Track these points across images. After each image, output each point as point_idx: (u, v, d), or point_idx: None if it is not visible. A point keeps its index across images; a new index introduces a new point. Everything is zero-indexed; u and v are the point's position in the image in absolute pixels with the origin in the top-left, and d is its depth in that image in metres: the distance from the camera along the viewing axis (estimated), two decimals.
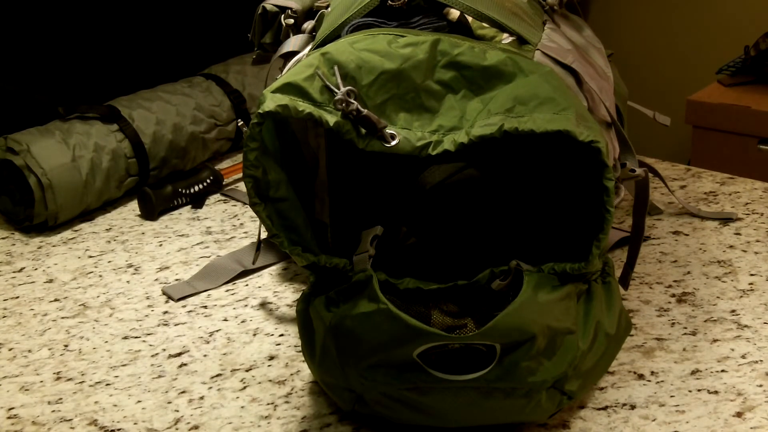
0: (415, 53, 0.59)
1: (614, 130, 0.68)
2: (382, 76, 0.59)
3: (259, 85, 1.19)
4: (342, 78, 0.58)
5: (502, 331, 0.54)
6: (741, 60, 1.76)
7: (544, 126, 0.55)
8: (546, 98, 0.57)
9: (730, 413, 0.62)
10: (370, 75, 0.59)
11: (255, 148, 0.58)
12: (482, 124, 0.57)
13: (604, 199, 0.56)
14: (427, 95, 0.59)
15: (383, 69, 0.59)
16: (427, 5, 0.67)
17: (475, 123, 0.57)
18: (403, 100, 0.59)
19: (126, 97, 1.10)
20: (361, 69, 0.59)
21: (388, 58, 0.59)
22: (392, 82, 0.59)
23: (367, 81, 0.59)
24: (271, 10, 0.83)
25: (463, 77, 0.60)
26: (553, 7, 0.75)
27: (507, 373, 0.56)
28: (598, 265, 0.61)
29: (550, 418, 0.62)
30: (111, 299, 0.85)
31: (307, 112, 0.57)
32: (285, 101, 0.57)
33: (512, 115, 0.56)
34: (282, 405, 0.66)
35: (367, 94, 0.59)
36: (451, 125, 0.58)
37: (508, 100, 0.57)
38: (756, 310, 0.74)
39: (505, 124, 0.56)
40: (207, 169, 1.08)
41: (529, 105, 0.57)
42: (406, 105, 0.59)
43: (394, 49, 0.59)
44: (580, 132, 0.55)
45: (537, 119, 0.56)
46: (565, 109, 0.56)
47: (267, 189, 0.60)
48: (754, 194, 0.95)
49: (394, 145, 0.57)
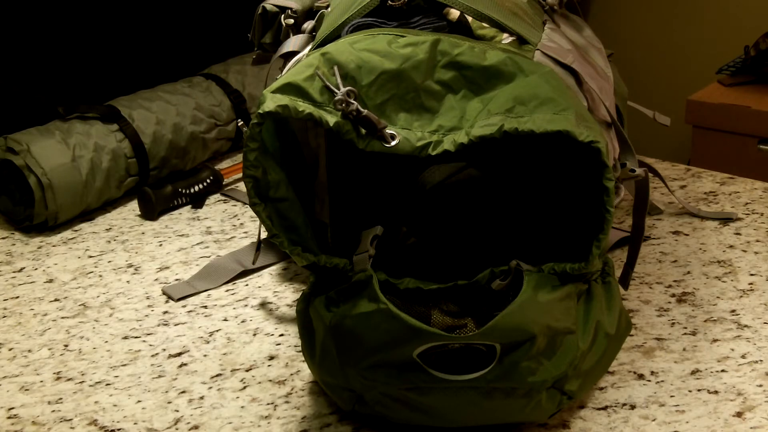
0: (415, 53, 0.59)
1: (614, 130, 0.68)
2: (382, 76, 0.59)
3: (259, 85, 1.19)
4: (342, 78, 0.58)
5: (502, 331, 0.54)
6: (741, 60, 1.76)
7: (544, 126, 0.55)
8: (546, 98, 0.57)
9: (730, 413, 0.62)
10: (370, 75, 0.59)
11: (255, 149, 0.58)
12: (482, 125, 0.57)
13: (604, 199, 0.56)
14: (427, 95, 0.59)
15: (383, 69, 0.59)
16: (427, 5, 0.67)
17: (475, 123, 0.57)
18: (403, 100, 0.59)
19: (126, 97, 1.10)
20: (360, 69, 0.59)
21: (388, 58, 0.59)
22: (392, 82, 0.59)
23: (367, 81, 0.59)
24: (271, 10, 0.83)
25: (463, 77, 0.60)
26: (553, 6, 0.75)
27: (507, 373, 0.56)
28: (598, 265, 0.61)
29: (550, 418, 0.62)
30: (111, 299, 0.85)
31: (307, 112, 0.57)
32: (285, 101, 0.57)
33: (512, 116, 0.56)
34: (282, 405, 0.66)
35: (367, 94, 0.59)
36: (451, 125, 0.58)
37: (508, 101, 0.57)
38: (756, 310, 0.74)
39: (505, 125, 0.56)
40: (207, 169, 1.08)
41: (529, 105, 0.57)
42: (406, 105, 0.59)
43: (394, 49, 0.59)
44: (580, 132, 0.55)
45: (537, 119, 0.55)
46: (565, 109, 0.56)
47: (267, 189, 0.60)
48: (754, 194, 0.95)
49: (394, 146, 0.57)
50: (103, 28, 1.25)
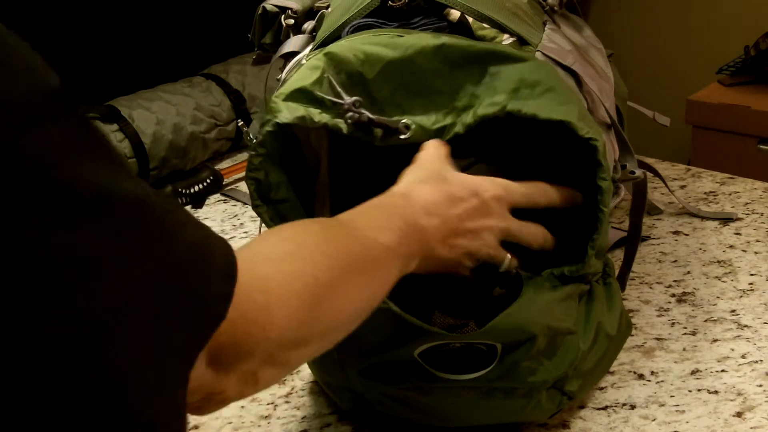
0: (418, 41, 0.59)
1: (614, 131, 0.68)
2: (388, 66, 0.59)
3: (259, 85, 1.19)
4: (348, 77, 0.58)
5: (503, 331, 0.54)
6: (741, 60, 1.76)
7: (547, 113, 0.55)
8: (551, 86, 0.57)
9: (730, 413, 0.62)
10: (375, 67, 0.58)
11: (263, 154, 0.58)
12: (487, 104, 0.57)
13: (598, 199, 0.56)
14: (435, 76, 0.59)
15: (388, 59, 0.58)
16: (428, 6, 0.67)
17: (482, 103, 0.58)
18: (412, 86, 0.59)
19: (126, 97, 1.10)
20: (365, 63, 0.58)
21: (391, 47, 0.59)
22: (399, 71, 0.59)
23: (372, 74, 0.58)
24: (272, 11, 0.82)
25: (470, 55, 0.59)
26: (553, 7, 0.75)
27: (507, 372, 0.56)
28: (598, 265, 0.61)
29: (551, 418, 0.62)
30: None
31: (323, 122, 0.57)
32: (301, 112, 0.57)
33: (518, 96, 0.57)
34: (282, 405, 0.66)
35: (375, 88, 0.59)
36: (464, 104, 0.59)
37: (515, 80, 0.57)
38: (756, 310, 0.74)
39: (509, 105, 0.56)
40: (207, 169, 1.08)
41: (535, 90, 0.57)
42: (415, 89, 0.59)
43: (397, 40, 0.59)
44: (581, 127, 0.55)
45: (541, 105, 0.56)
46: (569, 102, 0.57)
47: (268, 191, 0.60)
48: (754, 194, 0.95)
49: (409, 136, 0.57)
50: (103, 28, 1.25)
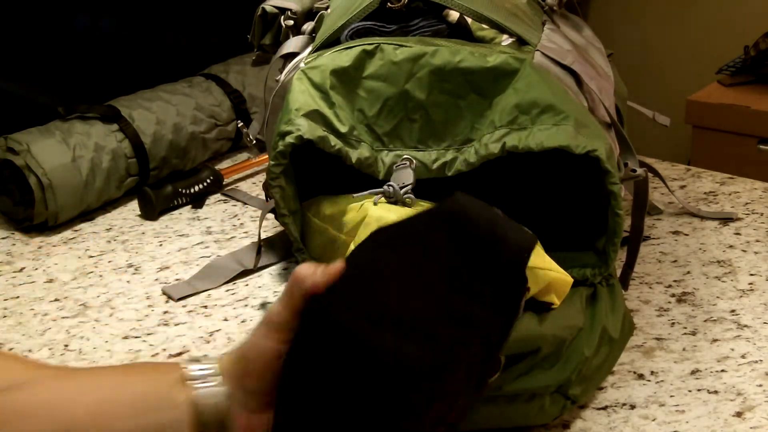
0: (416, 69, 0.61)
1: (614, 130, 0.68)
2: (388, 102, 0.61)
3: (259, 85, 1.19)
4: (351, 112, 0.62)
5: (508, 343, 0.54)
6: (741, 60, 1.76)
7: (543, 143, 0.57)
8: (546, 106, 0.58)
9: (730, 413, 0.62)
10: (376, 104, 0.61)
11: (284, 163, 0.61)
12: (487, 142, 0.59)
13: (612, 204, 0.57)
14: (435, 109, 0.61)
15: (387, 95, 0.61)
16: (427, 7, 0.67)
17: (482, 137, 0.59)
18: (412, 119, 0.61)
19: (126, 97, 1.10)
20: (366, 100, 0.62)
21: (390, 81, 0.61)
22: (398, 105, 0.62)
23: (373, 112, 0.61)
24: (271, 12, 0.82)
25: (468, 83, 0.60)
26: (553, 7, 0.75)
27: (511, 380, 0.56)
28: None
29: (553, 421, 0.62)
30: (111, 299, 0.85)
31: (338, 148, 0.61)
32: (320, 133, 0.60)
33: (515, 127, 0.58)
34: None
35: (376, 123, 0.61)
36: (463, 137, 0.60)
37: (512, 110, 0.59)
38: (756, 309, 0.74)
39: (507, 142, 0.58)
40: (207, 169, 1.08)
41: (531, 114, 0.58)
42: (416, 123, 0.61)
43: (395, 70, 0.62)
44: (577, 145, 0.56)
45: (536, 135, 0.57)
46: (564, 117, 0.57)
47: (289, 201, 0.63)
48: (753, 194, 0.95)
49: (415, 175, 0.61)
50: (103, 28, 1.25)
